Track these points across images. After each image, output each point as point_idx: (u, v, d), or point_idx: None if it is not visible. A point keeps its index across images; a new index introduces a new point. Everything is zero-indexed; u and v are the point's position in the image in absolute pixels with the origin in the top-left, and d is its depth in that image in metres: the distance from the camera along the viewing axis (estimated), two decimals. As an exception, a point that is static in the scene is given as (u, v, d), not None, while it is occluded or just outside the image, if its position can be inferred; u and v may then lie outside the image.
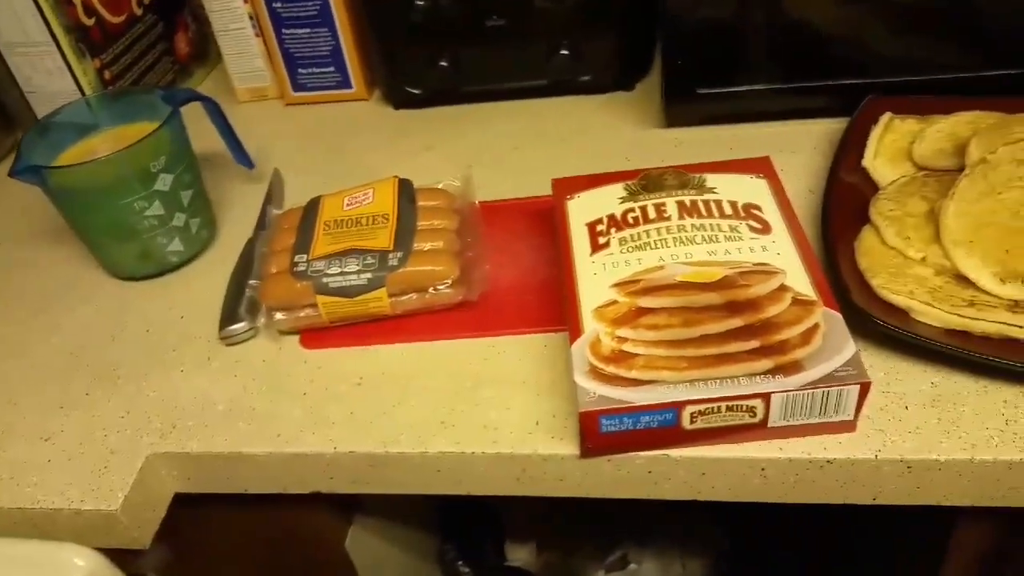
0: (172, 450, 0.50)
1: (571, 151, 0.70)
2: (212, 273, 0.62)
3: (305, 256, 0.54)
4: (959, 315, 0.45)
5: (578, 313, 0.47)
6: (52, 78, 0.71)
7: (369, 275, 0.52)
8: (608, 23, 0.70)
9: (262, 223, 0.63)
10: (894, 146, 0.58)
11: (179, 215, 0.61)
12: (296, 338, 0.55)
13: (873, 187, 0.56)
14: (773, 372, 0.42)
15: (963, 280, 0.47)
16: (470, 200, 0.60)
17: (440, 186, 0.60)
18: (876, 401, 0.45)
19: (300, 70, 0.79)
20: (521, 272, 0.56)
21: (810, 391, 0.42)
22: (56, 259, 0.67)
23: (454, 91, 0.75)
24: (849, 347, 0.43)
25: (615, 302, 0.47)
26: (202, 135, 0.65)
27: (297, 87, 0.80)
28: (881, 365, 0.47)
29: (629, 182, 0.56)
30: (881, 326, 0.45)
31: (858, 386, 0.42)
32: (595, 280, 0.49)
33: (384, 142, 0.75)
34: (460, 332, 0.53)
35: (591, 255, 0.51)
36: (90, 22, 0.71)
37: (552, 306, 0.53)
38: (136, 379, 0.55)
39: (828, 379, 0.42)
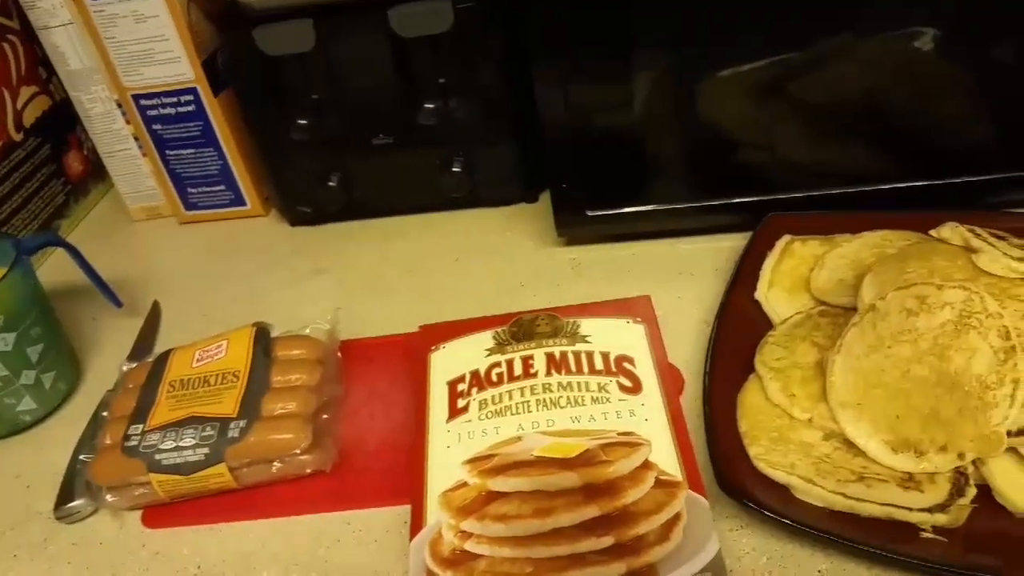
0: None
1: (467, 273, 0.65)
2: (68, 432, 0.56)
3: (140, 427, 0.49)
4: (844, 495, 0.40)
5: (423, 500, 0.43)
6: (-84, 215, 0.68)
7: (207, 449, 0.47)
8: (503, 135, 0.66)
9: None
10: (793, 274, 0.54)
11: (27, 372, 0.56)
12: (139, 514, 0.50)
13: (768, 324, 0.51)
14: (626, 578, 0.37)
15: (853, 447, 0.42)
16: (334, 347, 0.55)
17: (307, 331, 0.56)
18: (756, 593, 0.40)
19: (190, 189, 0.75)
20: (389, 430, 0.51)
21: (666, 603, 0.36)
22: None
23: (347, 209, 0.71)
24: (712, 543, 0.38)
25: (465, 484, 0.42)
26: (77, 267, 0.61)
27: (189, 206, 0.76)
28: (763, 548, 0.42)
29: (499, 328, 0.51)
30: (755, 509, 0.40)
31: (720, 596, 0.36)
32: (447, 454, 0.44)
33: (276, 264, 0.71)
34: (312, 507, 0.48)
35: (447, 421, 0.46)
36: (-44, 154, 0.68)
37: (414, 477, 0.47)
38: (-35, 564, 0.50)
39: (685, 589, 0.36)
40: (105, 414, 0.53)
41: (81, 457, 0.52)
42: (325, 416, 0.50)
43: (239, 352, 0.53)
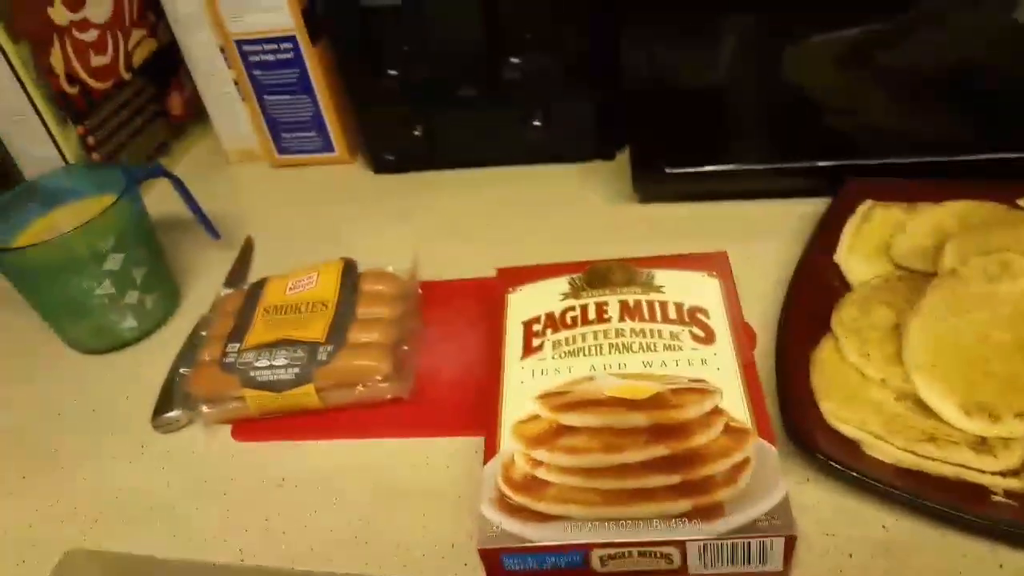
0: (90, 547, 0.49)
1: (543, 225, 0.67)
2: (166, 351, 0.61)
3: (238, 346, 0.52)
4: (914, 452, 0.40)
5: (497, 428, 0.44)
6: (36, 144, 0.72)
7: (297, 369, 0.50)
8: (584, 92, 0.67)
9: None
10: (873, 239, 0.53)
11: (132, 292, 0.60)
12: (228, 429, 0.54)
13: (845, 286, 0.51)
14: (691, 516, 0.38)
15: (926, 409, 0.42)
16: (415, 286, 0.57)
17: (389, 269, 0.58)
18: (818, 544, 0.41)
19: (284, 134, 0.78)
20: (465, 365, 0.53)
21: (729, 541, 0.38)
22: (19, 327, 0.67)
23: (429, 158, 0.73)
24: (779, 490, 0.39)
25: (537, 417, 0.44)
26: (179, 200, 0.65)
27: (282, 150, 0.79)
28: (828, 502, 0.42)
29: (574, 275, 0.52)
30: (824, 461, 0.41)
31: (783, 539, 0.37)
32: (521, 389, 0.46)
33: (361, 209, 0.73)
34: (390, 431, 0.51)
35: (522, 359, 0.48)
36: (73, 90, 0.72)
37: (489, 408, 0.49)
38: (71, 465, 0.54)
39: (750, 528, 0.37)
40: (204, 334, 0.56)
41: (180, 371, 0.55)
42: (405, 348, 0.53)
43: (329, 283, 0.55)
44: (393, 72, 0.69)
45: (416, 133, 0.71)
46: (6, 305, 0.70)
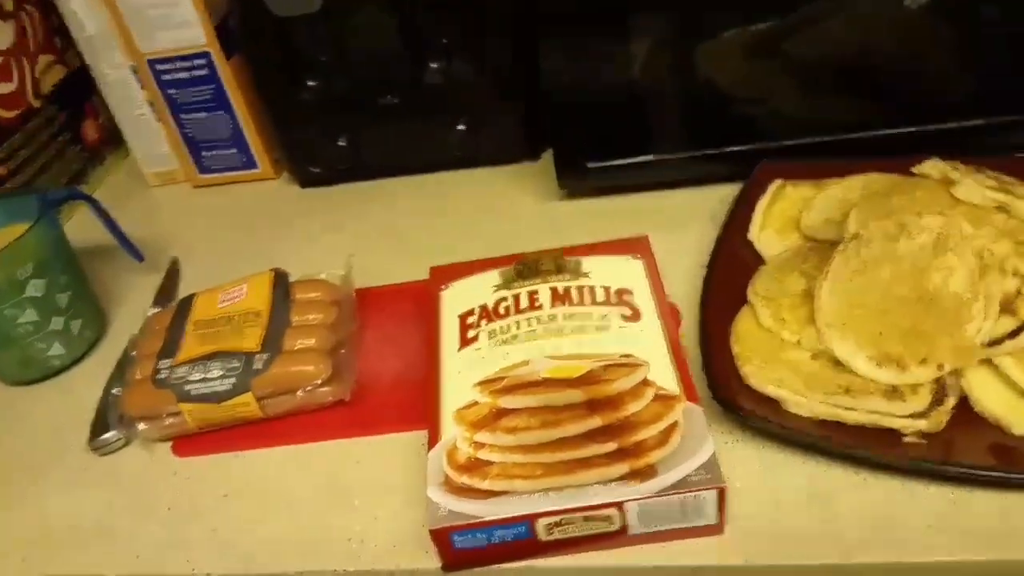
0: (31, 574, 0.48)
1: (475, 228, 0.68)
2: (97, 375, 0.60)
3: (169, 361, 0.52)
4: (832, 404, 0.43)
5: (439, 418, 0.45)
6: (-54, 176, 0.70)
7: (233, 380, 0.50)
8: (506, 95, 0.69)
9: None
10: (784, 215, 0.57)
11: (57, 319, 0.59)
12: (168, 446, 0.53)
13: (760, 261, 0.54)
14: (628, 477, 0.40)
15: (839, 365, 0.45)
16: (349, 291, 0.58)
17: (322, 276, 0.59)
18: (750, 497, 0.43)
19: (203, 153, 0.78)
20: (402, 365, 0.54)
21: (664, 497, 0.39)
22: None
23: (356, 169, 0.74)
24: (707, 447, 0.41)
25: (477, 403, 0.45)
26: (100, 226, 0.64)
27: (203, 169, 0.79)
28: (756, 457, 0.45)
29: (506, 268, 0.54)
30: (746, 418, 0.43)
31: (715, 490, 0.39)
32: (459, 379, 0.47)
33: (289, 224, 0.74)
34: (332, 433, 0.51)
35: (459, 350, 0.49)
36: (-20, 119, 0.71)
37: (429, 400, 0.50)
38: (9, 496, 0.53)
39: (682, 484, 0.39)
40: (134, 353, 0.56)
41: (113, 391, 0.55)
42: (343, 351, 0.53)
43: (260, 294, 0.55)
44: (312, 83, 0.70)
45: (341, 144, 0.71)
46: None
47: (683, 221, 0.62)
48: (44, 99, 0.78)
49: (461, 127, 0.70)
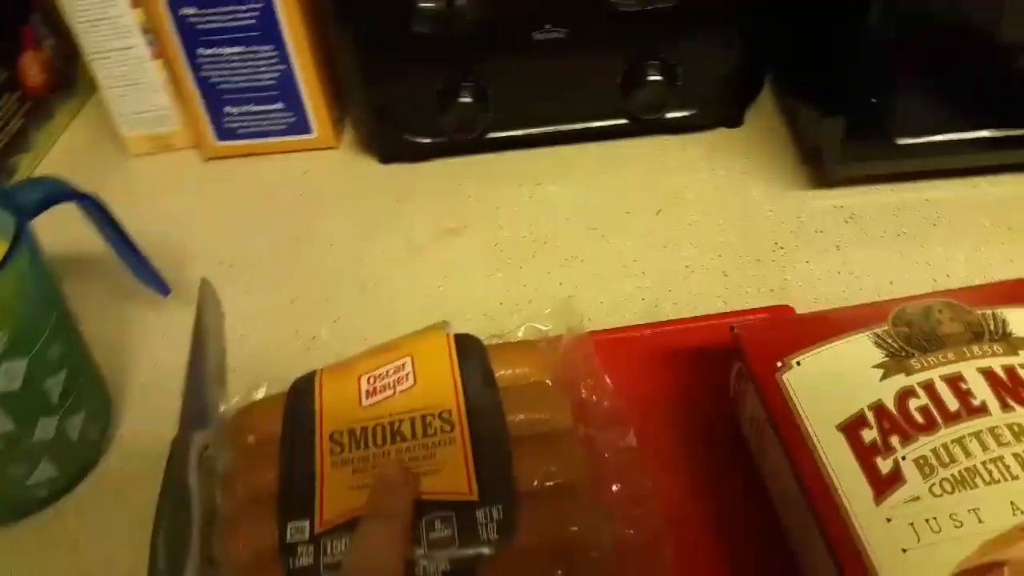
0: None
1: (688, 231, 0.45)
2: (112, 508, 0.35)
3: (306, 523, 0.28)
4: None
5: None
6: None
7: (446, 565, 0.27)
8: (721, 31, 0.46)
9: (194, 404, 0.35)
10: None
11: (45, 421, 0.33)
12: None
13: None
14: None
15: None
16: (576, 356, 0.34)
17: (519, 334, 0.35)
18: None
19: (229, 108, 0.51)
20: (686, 495, 0.32)
21: None
22: None
23: (480, 137, 0.49)
24: None
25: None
26: (64, 228, 0.37)
27: (224, 133, 0.52)
28: None
29: (877, 329, 0.32)
30: None
31: None
32: (902, 560, 0.25)
33: (372, 220, 0.49)
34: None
35: (877, 500, 0.27)
36: None
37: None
38: None
39: None
40: (219, 500, 0.30)
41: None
42: (615, 487, 0.30)
43: (438, 374, 0.31)
44: (427, 4, 0.44)
45: (463, 99, 0.46)
46: None
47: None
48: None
49: (654, 75, 0.46)
